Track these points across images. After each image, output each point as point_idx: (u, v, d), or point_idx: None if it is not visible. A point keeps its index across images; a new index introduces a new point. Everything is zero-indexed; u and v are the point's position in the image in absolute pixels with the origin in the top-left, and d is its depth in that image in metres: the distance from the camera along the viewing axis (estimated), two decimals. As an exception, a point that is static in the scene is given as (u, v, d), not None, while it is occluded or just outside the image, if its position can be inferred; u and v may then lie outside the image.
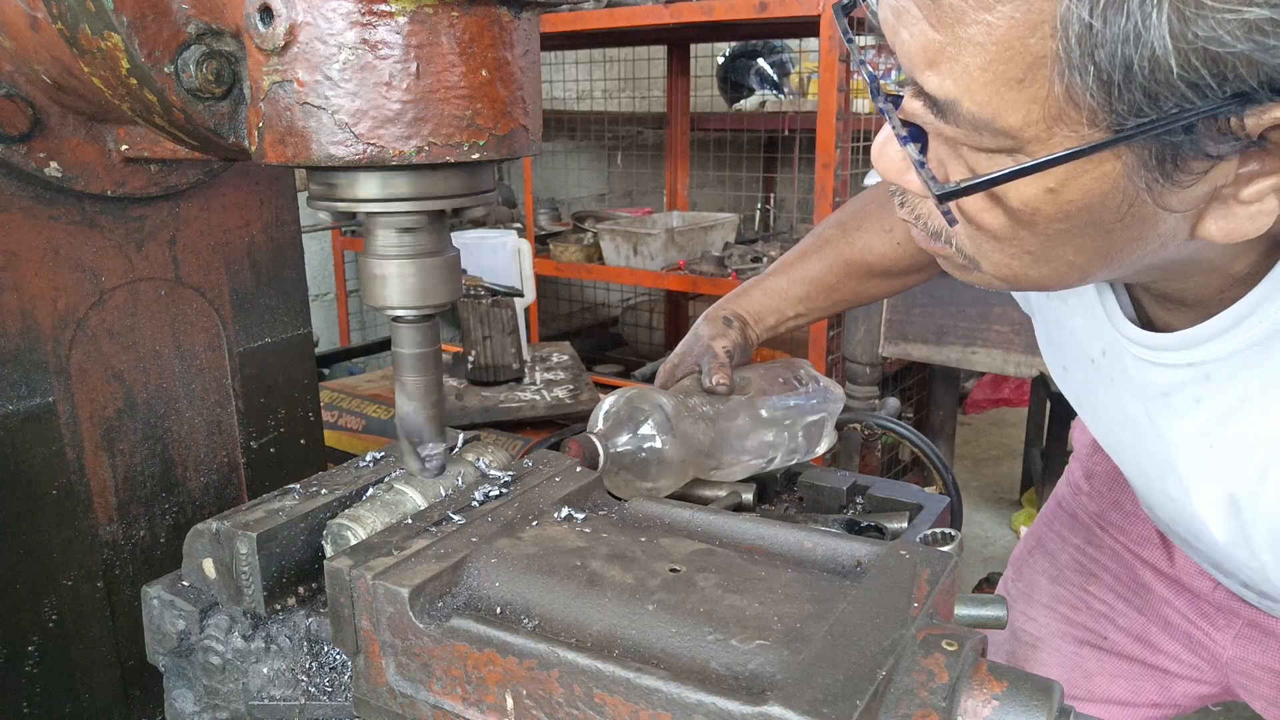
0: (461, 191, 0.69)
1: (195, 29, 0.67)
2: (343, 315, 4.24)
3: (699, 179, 4.94)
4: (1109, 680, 1.29)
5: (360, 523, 0.71)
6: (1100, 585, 1.30)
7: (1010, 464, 4.41)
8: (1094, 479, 1.34)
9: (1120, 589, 1.28)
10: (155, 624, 0.73)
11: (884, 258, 1.24)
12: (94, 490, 0.87)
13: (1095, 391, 0.94)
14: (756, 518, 0.74)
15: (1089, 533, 1.33)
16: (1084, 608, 1.31)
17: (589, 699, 0.55)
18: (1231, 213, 0.60)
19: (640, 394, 1.06)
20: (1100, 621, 1.30)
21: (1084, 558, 1.33)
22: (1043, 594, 1.35)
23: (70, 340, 0.84)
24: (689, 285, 3.58)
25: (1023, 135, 0.58)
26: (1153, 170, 0.58)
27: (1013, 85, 0.56)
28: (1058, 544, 1.37)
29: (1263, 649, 1.15)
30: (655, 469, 1.02)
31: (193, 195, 0.92)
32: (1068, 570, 1.34)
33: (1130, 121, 0.54)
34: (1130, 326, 0.82)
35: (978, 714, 0.54)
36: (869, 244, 1.24)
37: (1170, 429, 0.82)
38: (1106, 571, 1.30)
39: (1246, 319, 0.72)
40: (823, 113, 3.06)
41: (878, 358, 3.08)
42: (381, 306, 0.71)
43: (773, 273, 1.28)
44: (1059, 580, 1.34)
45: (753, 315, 1.23)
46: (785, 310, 1.25)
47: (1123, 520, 1.29)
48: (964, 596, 0.68)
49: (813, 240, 1.29)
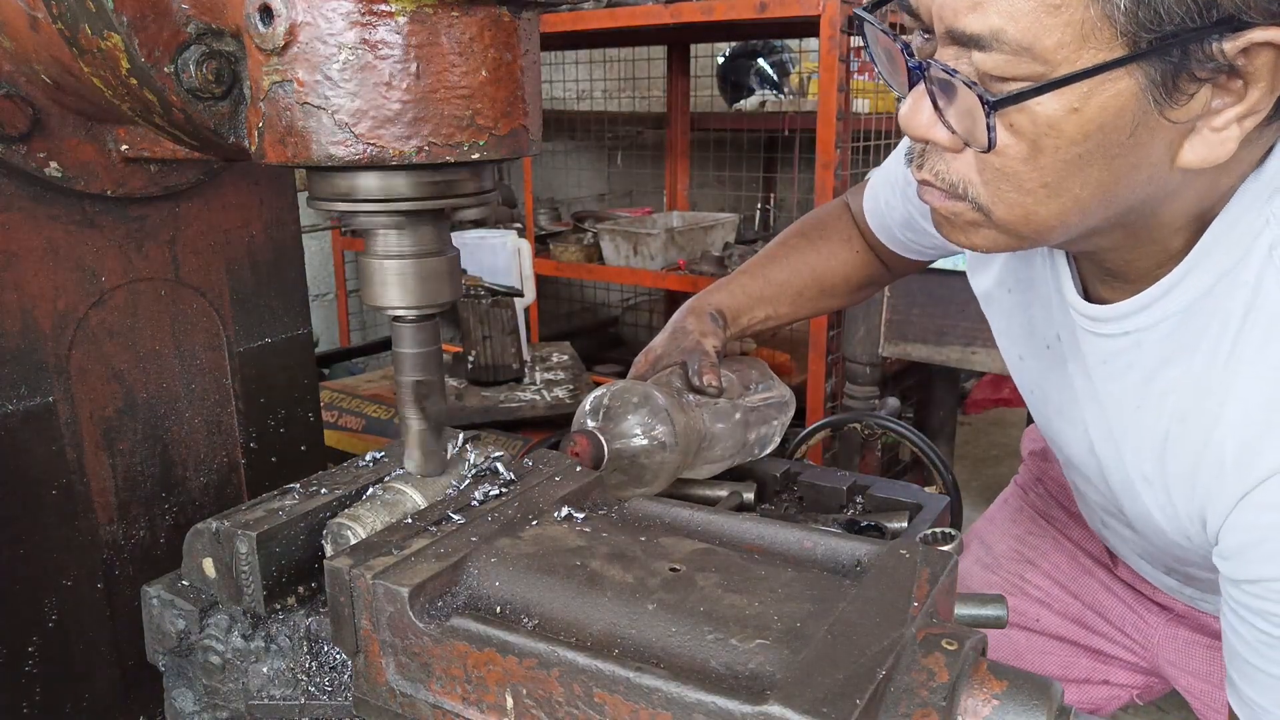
0: (461, 191, 0.69)
1: (195, 29, 0.67)
2: (343, 315, 4.24)
3: (699, 179, 4.94)
4: (1039, 657, 1.34)
5: (360, 522, 0.71)
6: (1037, 573, 1.35)
7: (1010, 464, 4.41)
8: (1045, 482, 1.39)
9: (1058, 575, 1.34)
10: (155, 623, 0.73)
11: (845, 264, 1.31)
12: (94, 490, 0.87)
13: (1049, 376, 1.02)
14: (757, 517, 0.74)
15: (1031, 524, 1.39)
16: (1018, 593, 1.35)
17: (589, 698, 0.55)
18: (1205, 140, 0.71)
19: (632, 387, 1.02)
20: (1034, 606, 1.35)
21: (1023, 546, 1.39)
22: (975, 581, 1.38)
23: (70, 340, 0.84)
24: (689, 285, 3.57)
25: (1055, 58, 0.68)
26: (1157, 87, 0.68)
27: (1051, 11, 0.66)
28: (996, 536, 1.42)
29: (1193, 628, 1.22)
30: (655, 465, 0.99)
31: (193, 195, 0.92)
32: (1004, 559, 1.39)
33: (1144, 39, 0.65)
34: (1081, 301, 0.92)
35: (978, 713, 0.54)
36: (833, 252, 1.31)
37: (1108, 395, 0.92)
38: (1045, 559, 1.35)
39: (1174, 289, 0.82)
40: (823, 113, 3.05)
41: (878, 358, 3.08)
42: (382, 306, 0.71)
43: (744, 273, 1.29)
44: (993, 568, 1.40)
45: (731, 313, 1.23)
46: (756, 312, 1.27)
47: (1068, 519, 1.33)
48: (964, 596, 0.68)
49: (779, 247, 1.32)
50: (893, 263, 1.32)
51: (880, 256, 1.32)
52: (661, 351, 1.16)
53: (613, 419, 0.99)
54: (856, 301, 1.42)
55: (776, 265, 1.30)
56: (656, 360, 1.15)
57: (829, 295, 1.33)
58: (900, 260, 1.30)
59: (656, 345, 1.17)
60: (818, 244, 1.32)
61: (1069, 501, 1.34)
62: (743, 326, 1.25)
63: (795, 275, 1.29)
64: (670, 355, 1.15)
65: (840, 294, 1.34)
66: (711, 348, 1.14)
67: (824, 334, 3.20)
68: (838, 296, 1.35)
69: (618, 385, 1.03)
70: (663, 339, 1.17)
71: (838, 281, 1.32)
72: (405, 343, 0.74)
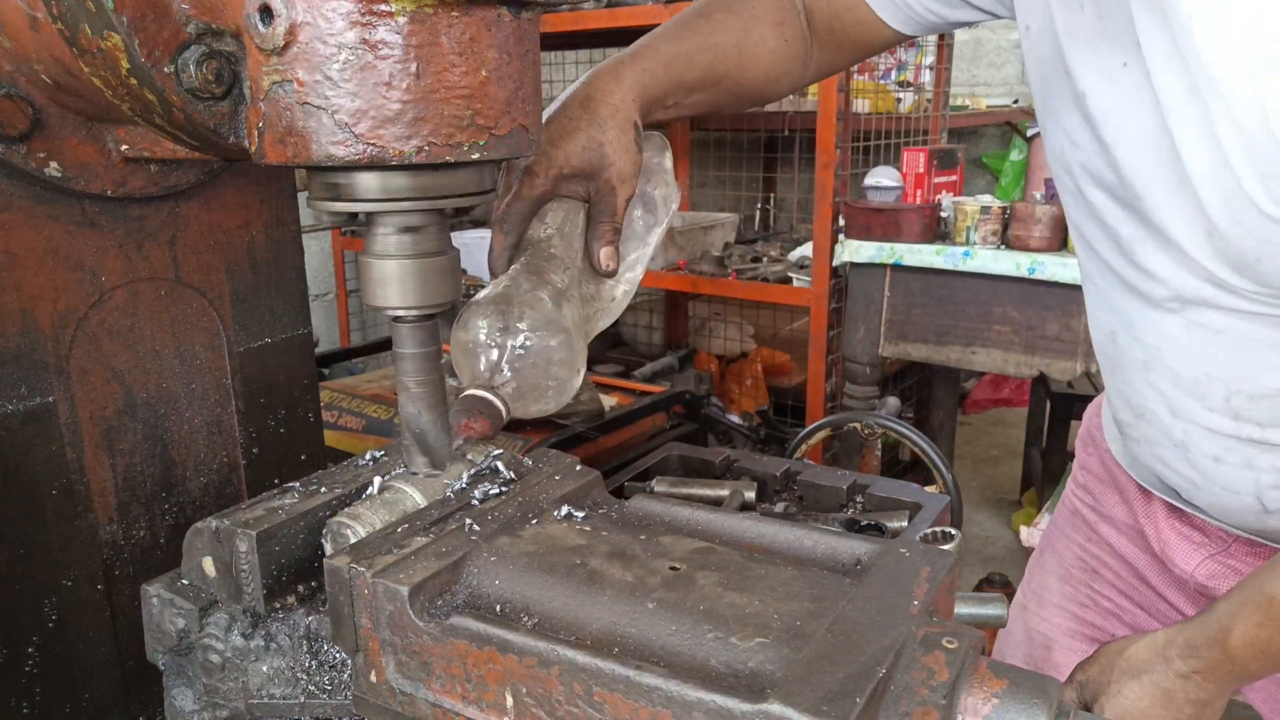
0: (462, 191, 0.69)
1: (195, 29, 0.67)
2: (343, 315, 4.24)
3: (699, 179, 4.94)
4: None
5: (360, 521, 0.71)
6: (1104, 583, 1.31)
7: (1010, 464, 4.41)
8: (1088, 470, 1.34)
9: (1122, 585, 1.29)
10: (155, 623, 0.73)
11: (772, 53, 1.14)
12: (94, 490, 0.88)
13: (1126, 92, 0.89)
14: (756, 516, 0.74)
15: (1090, 529, 1.34)
16: (1092, 605, 1.31)
17: (589, 697, 0.55)
18: None
19: (495, 298, 0.82)
20: (1108, 619, 1.30)
21: (1086, 555, 1.33)
22: (1053, 594, 1.36)
23: (70, 340, 0.84)
24: (689, 285, 3.58)
25: None
26: None
27: None
28: (1064, 543, 1.37)
29: None
30: (556, 388, 0.84)
31: (193, 195, 0.92)
32: (1074, 569, 1.34)
33: None
34: None
35: (978, 712, 0.54)
36: (762, 36, 1.12)
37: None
38: (1107, 568, 1.31)
39: None
40: (823, 113, 3.06)
41: (878, 358, 3.08)
42: (382, 307, 0.71)
43: (666, 38, 1.08)
44: (1067, 579, 1.35)
45: (646, 105, 1.01)
46: (670, 97, 1.05)
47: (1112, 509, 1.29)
48: (964, 595, 0.68)
49: (702, 20, 1.11)
50: (822, 56, 1.18)
51: (811, 46, 1.18)
52: (568, 170, 0.92)
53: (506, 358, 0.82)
54: (758, 104, 1.21)
55: (701, 42, 1.08)
56: (557, 179, 0.92)
57: (740, 91, 1.13)
58: (832, 51, 1.17)
59: (561, 154, 0.92)
60: (748, 24, 1.11)
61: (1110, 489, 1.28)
62: (648, 117, 1.03)
63: (720, 59, 1.08)
64: (574, 183, 0.93)
65: (750, 91, 1.15)
66: (624, 200, 0.93)
67: (824, 334, 3.20)
68: (744, 96, 1.15)
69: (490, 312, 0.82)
70: (573, 145, 0.92)
71: (758, 76, 1.13)
72: (405, 343, 0.74)
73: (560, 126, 0.93)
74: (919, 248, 2.89)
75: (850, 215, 3.03)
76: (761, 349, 4.26)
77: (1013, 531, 3.74)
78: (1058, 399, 3.60)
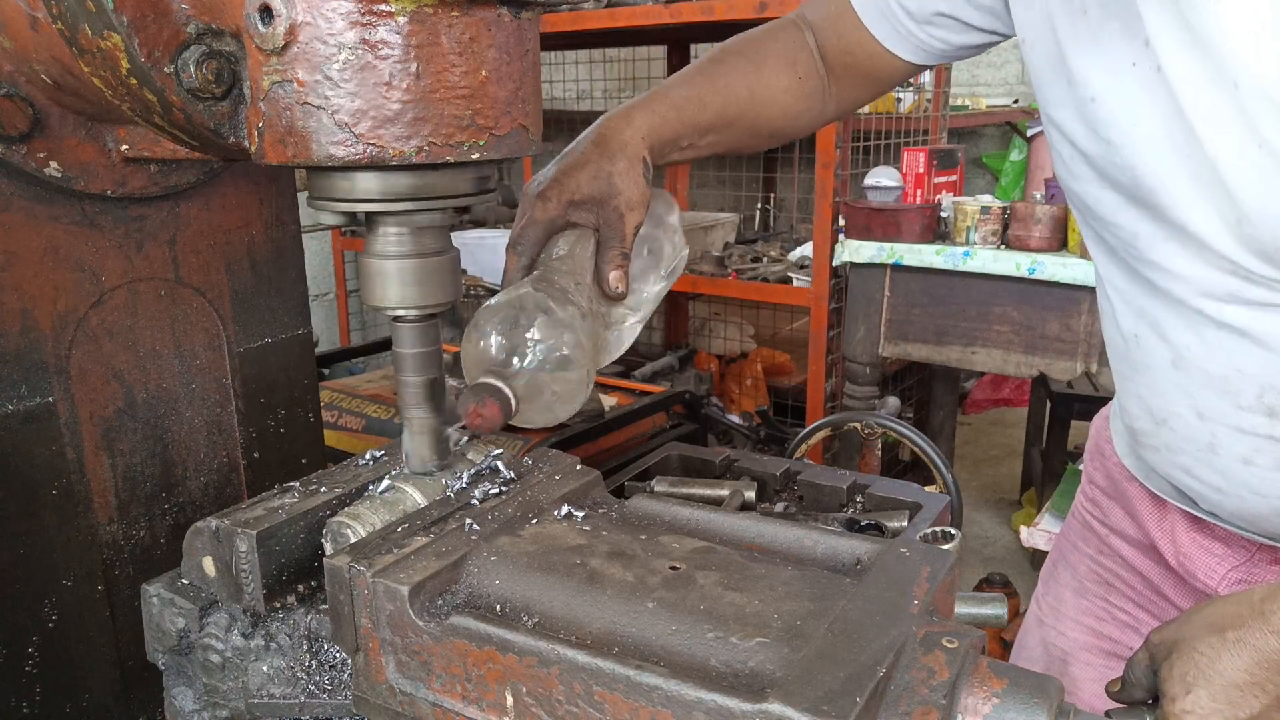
0: (461, 191, 0.69)
1: (195, 29, 0.67)
2: (343, 315, 4.24)
3: (699, 179, 4.94)
4: None
5: (360, 520, 0.71)
6: (1119, 595, 1.29)
7: (1010, 464, 4.41)
8: (1095, 484, 1.33)
9: (1138, 598, 1.28)
10: (155, 622, 0.73)
11: (786, 93, 1.16)
12: (94, 490, 0.88)
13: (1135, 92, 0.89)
14: (756, 516, 0.74)
15: (1100, 542, 1.32)
16: (1108, 619, 1.30)
17: (589, 696, 0.55)
18: None
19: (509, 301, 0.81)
20: (1125, 632, 1.29)
21: (1099, 568, 1.32)
22: (1069, 607, 1.34)
23: (70, 340, 0.84)
24: (689, 285, 3.58)
25: None
26: None
27: None
28: (1076, 555, 1.36)
29: None
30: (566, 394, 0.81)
31: (193, 195, 0.92)
32: (1088, 581, 1.33)
33: None
34: None
35: (978, 711, 0.54)
36: (775, 76, 1.15)
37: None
38: (1121, 581, 1.29)
39: None
40: (822, 113, 3.04)
41: (878, 358, 3.08)
42: (382, 306, 0.71)
43: (678, 83, 1.10)
44: (1082, 593, 1.33)
45: (658, 148, 1.04)
46: (683, 138, 1.08)
47: (1121, 521, 1.28)
48: (964, 595, 0.68)
49: (714, 65, 1.13)
50: (840, 92, 1.19)
51: (828, 82, 1.19)
52: (578, 197, 0.95)
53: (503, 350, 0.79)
54: (781, 141, 1.23)
55: (713, 83, 1.11)
56: (568, 205, 0.94)
57: (757, 129, 1.16)
58: (850, 86, 1.18)
59: (572, 182, 0.95)
60: (759, 67, 1.13)
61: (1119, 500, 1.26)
62: (661, 158, 1.06)
63: (733, 102, 1.11)
64: (584, 210, 0.95)
65: (768, 130, 1.17)
66: (633, 230, 0.95)
67: (824, 334, 3.20)
68: (762, 134, 1.17)
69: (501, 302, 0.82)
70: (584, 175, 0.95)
71: (774, 114, 1.16)
72: (405, 343, 0.74)
73: (572, 160, 0.97)
74: (919, 248, 2.89)
75: (850, 215, 3.02)
76: (761, 349, 4.26)
77: (1013, 531, 3.74)
78: (1058, 399, 3.59)
